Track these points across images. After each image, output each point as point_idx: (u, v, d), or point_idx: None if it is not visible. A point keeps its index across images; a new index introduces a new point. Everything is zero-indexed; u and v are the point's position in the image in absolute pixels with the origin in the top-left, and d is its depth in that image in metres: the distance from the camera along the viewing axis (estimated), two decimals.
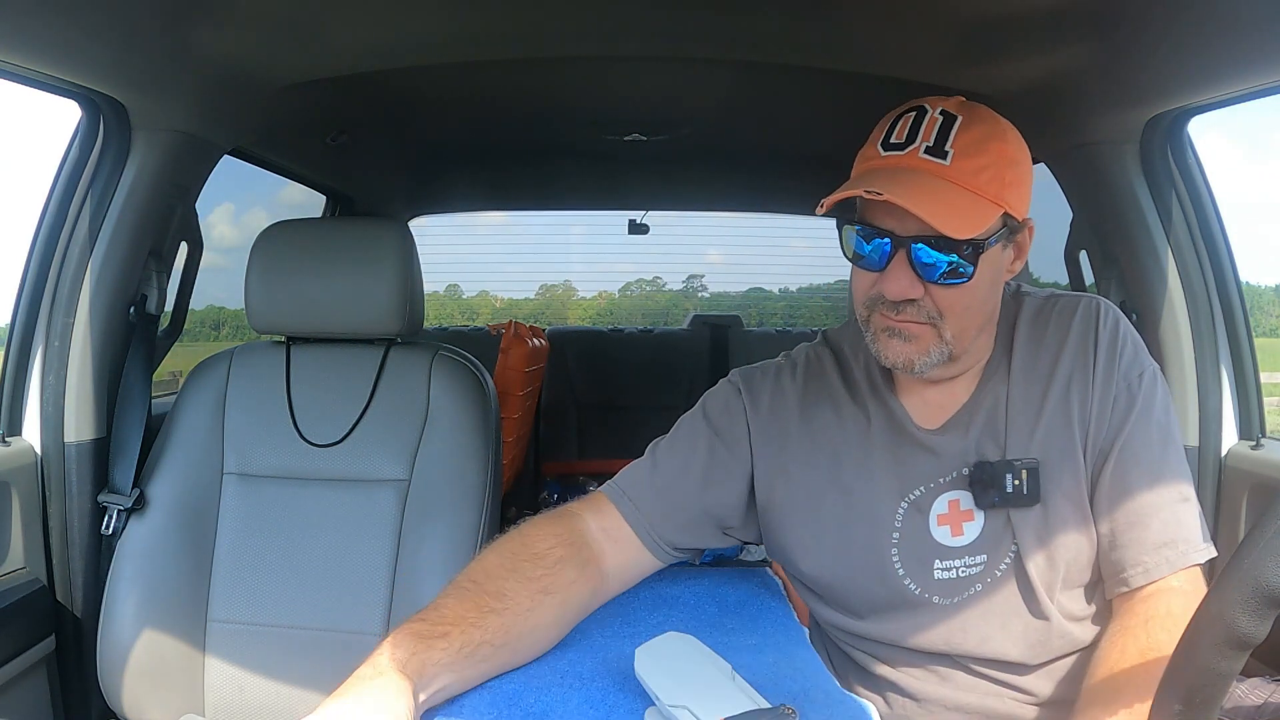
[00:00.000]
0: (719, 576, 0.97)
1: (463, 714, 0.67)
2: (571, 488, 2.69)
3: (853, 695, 0.70)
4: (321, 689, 1.16)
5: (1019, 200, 0.78)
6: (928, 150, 0.75)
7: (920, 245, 0.75)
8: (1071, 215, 1.49)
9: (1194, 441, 1.29)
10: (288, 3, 1.08)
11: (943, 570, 0.83)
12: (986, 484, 0.80)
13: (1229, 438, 1.29)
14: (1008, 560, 0.82)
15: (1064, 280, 1.57)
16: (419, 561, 1.17)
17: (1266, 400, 1.33)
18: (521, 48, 1.31)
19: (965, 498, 0.83)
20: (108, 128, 1.23)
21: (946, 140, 0.75)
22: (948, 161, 0.74)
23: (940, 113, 0.76)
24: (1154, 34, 1.01)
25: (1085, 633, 0.82)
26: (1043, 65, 1.19)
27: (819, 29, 1.21)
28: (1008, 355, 0.85)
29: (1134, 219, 1.32)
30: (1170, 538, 0.78)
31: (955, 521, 0.83)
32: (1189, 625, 0.47)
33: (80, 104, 1.21)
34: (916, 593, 0.84)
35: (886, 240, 0.76)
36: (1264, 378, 1.35)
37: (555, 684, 0.71)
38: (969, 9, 1.07)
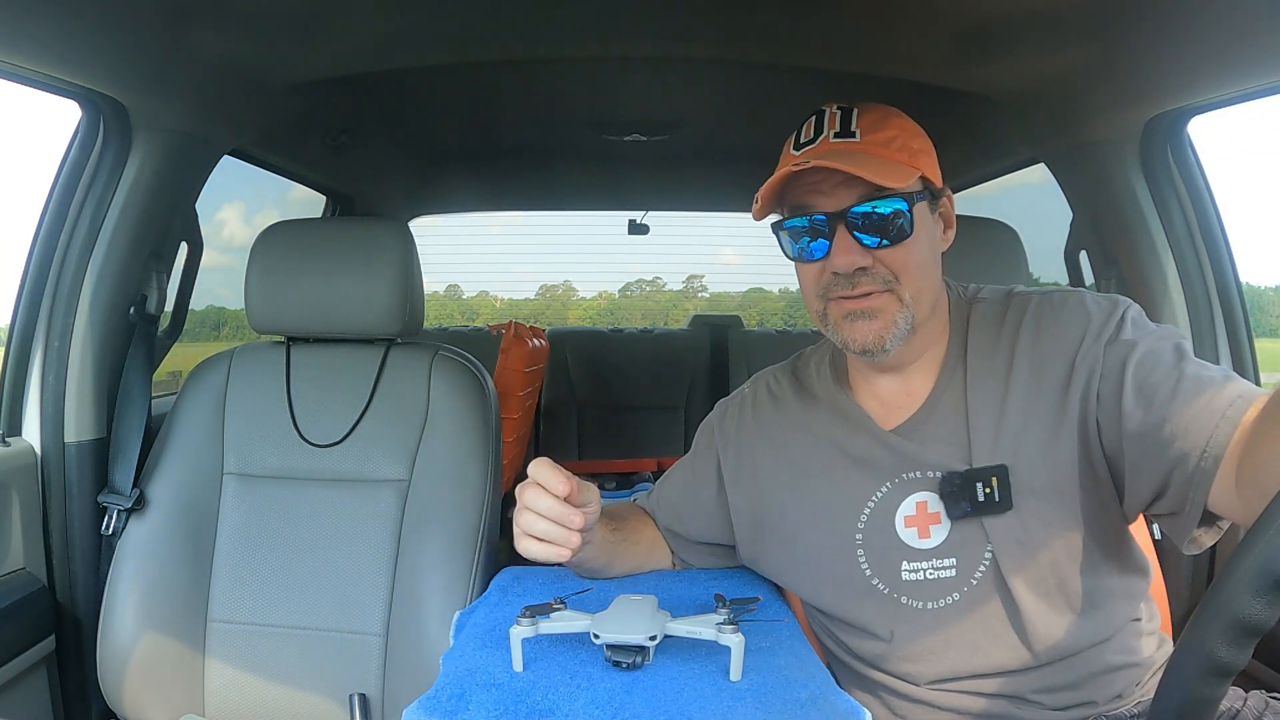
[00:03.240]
0: (724, 578, 0.98)
1: (471, 709, 0.67)
2: None
3: (854, 700, 0.69)
4: (321, 689, 1.17)
5: (931, 168, 0.82)
6: (836, 135, 0.80)
7: (854, 210, 0.78)
8: (1071, 215, 1.49)
9: None
10: (288, 3, 1.08)
11: (910, 572, 0.83)
12: (957, 495, 0.80)
13: None
14: (983, 567, 0.81)
15: (1064, 280, 1.57)
16: (419, 561, 1.16)
17: None
18: (521, 48, 1.31)
19: (933, 500, 0.82)
20: (108, 128, 1.23)
21: (850, 124, 0.80)
22: (858, 138, 0.79)
23: (837, 108, 0.82)
24: (1154, 34, 1.01)
25: (1074, 639, 0.80)
26: (1042, 65, 1.19)
27: (819, 29, 1.21)
28: (963, 358, 0.84)
29: (1134, 219, 1.32)
30: (1236, 393, 0.68)
31: (922, 524, 0.83)
32: (1172, 655, 0.47)
33: (80, 104, 1.21)
34: (885, 592, 0.84)
35: (822, 217, 0.79)
36: (1264, 378, 1.35)
37: (564, 683, 0.71)
38: (969, 9, 1.07)
